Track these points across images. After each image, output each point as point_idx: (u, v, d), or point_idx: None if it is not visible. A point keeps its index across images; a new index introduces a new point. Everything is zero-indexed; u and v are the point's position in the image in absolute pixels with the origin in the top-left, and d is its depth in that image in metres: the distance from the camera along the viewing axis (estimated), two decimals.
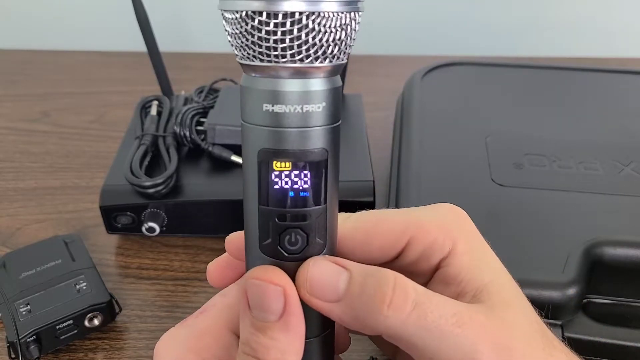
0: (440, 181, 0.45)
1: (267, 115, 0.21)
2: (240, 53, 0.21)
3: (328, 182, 0.22)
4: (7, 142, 0.67)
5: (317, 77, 0.21)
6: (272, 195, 0.22)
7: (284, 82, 0.20)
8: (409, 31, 0.89)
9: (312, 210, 0.22)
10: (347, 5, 0.20)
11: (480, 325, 0.22)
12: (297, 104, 0.20)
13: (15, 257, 0.46)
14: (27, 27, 0.90)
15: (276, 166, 0.21)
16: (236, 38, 0.20)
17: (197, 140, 0.53)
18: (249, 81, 0.21)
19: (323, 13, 0.19)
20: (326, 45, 0.20)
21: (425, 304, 0.22)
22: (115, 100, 0.75)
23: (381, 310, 0.21)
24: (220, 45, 0.87)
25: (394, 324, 0.21)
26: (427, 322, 0.21)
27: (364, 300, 0.22)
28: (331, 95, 0.21)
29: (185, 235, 0.52)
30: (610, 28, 0.88)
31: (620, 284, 0.38)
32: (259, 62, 0.20)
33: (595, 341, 0.36)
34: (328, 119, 0.21)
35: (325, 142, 0.21)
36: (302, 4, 0.19)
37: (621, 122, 0.52)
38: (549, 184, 0.44)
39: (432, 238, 0.25)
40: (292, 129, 0.21)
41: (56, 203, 0.57)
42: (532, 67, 0.61)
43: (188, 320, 0.25)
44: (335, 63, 0.21)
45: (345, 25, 0.20)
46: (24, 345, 0.39)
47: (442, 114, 0.53)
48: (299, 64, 0.20)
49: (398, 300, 0.21)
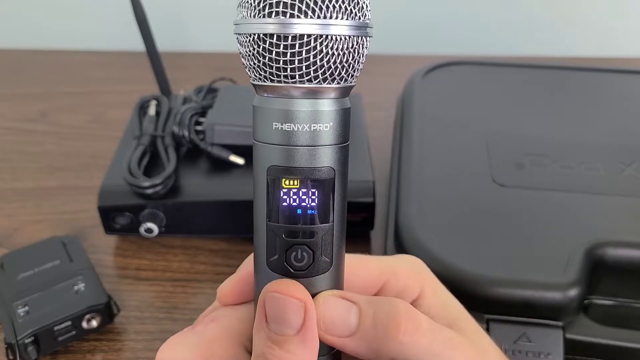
0: (440, 181, 0.45)
1: (276, 133, 0.21)
2: (253, 74, 0.22)
3: (335, 200, 0.23)
4: (5, 142, 0.67)
5: (327, 98, 0.21)
6: (279, 212, 0.22)
7: (294, 102, 0.21)
8: (409, 31, 0.89)
9: (318, 228, 0.23)
10: (357, 29, 0.20)
11: (469, 348, 0.24)
12: (305, 122, 0.21)
13: (13, 258, 0.46)
14: (25, 27, 0.90)
15: (285, 183, 0.22)
16: (249, 59, 0.21)
17: (196, 140, 0.53)
18: (260, 101, 0.22)
19: (333, 36, 0.20)
20: (334, 67, 0.21)
21: (434, 330, 0.24)
22: (113, 100, 0.74)
23: (397, 338, 0.23)
24: (219, 44, 0.86)
25: (408, 350, 0.23)
26: (435, 345, 0.23)
27: (378, 331, 0.23)
28: (339, 115, 0.22)
29: (184, 235, 0.52)
30: (611, 27, 0.88)
31: (622, 285, 0.38)
32: (269, 82, 0.21)
33: (596, 343, 0.36)
34: (336, 139, 0.22)
35: (333, 161, 0.22)
36: (313, 27, 0.20)
37: (623, 122, 0.52)
38: (550, 185, 0.44)
39: (404, 283, 0.27)
40: (300, 147, 0.21)
41: (54, 203, 0.57)
42: (533, 67, 0.61)
43: (197, 327, 0.25)
44: (343, 85, 0.21)
45: (354, 49, 0.21)
46: (22, 346, 0.39)
47: (443, 114, 0.53)
48: (308, 84, 0.21)
49: (411, 328, 0.23)
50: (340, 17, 0.20)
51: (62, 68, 0.83)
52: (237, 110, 0.55)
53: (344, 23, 0.20)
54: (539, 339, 0.35)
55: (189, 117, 0.53)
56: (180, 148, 0.54)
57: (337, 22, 0.20)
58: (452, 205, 0.42)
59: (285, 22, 0.20)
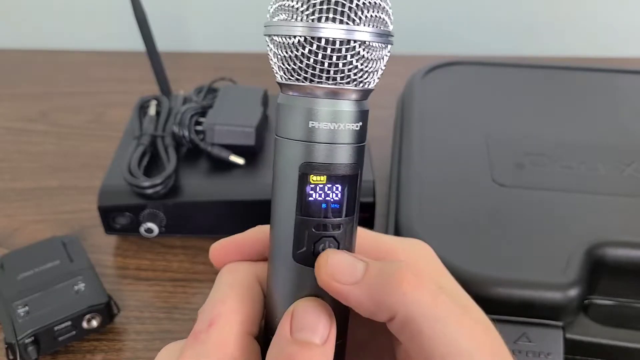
0: (440, 181, 0.45)
1: (314, 132, 0.23)
2: (286, 74, 0.23)
3: (357, 194, 0.24)
4: (5, 142, 0.67)
5: (351, 100, 0.23)
6: (310, 206, 0.23)
7: (322, 101, 0.22)
8: (409, 30, 0.89)
9: (344, 220, 0.24)
10: (383, 37, 0.22)
11: (482, 331, 0.23)
12: (334, 122, 0.23)
13: (13, 258, 0.46)
14: (25, 27, 0.90)
15: (313, 179, 0.23)
16: (286, 61, 0.22)
17: (196, 140, 0.53)
18: (289, 100, 0.23)
19: (366, 42, 0.22)
20: (368, 72, 0.22)
21: (438, 293, 0.23)
22: (113, 100, 0.74)
23: (400, 288, 0.22)
24: (219, 44, 0.87)
25: (410, 304, 0.22)
26: (439, 308, 0.22)
27: (383, 281, 0.23)
28: (365, 116, 0.24)
29: (184, 235, 0.52)
30: (611, 27, 0.88)
31: (622, 285, 0.38)
32: (305, 82, 0.22)
33: (596, 342, 0.36)
34: (362, 138, 0.24)
35: (358, 158, 0.24)
36: (341, 32, 0.21)
37: (623, 122, 0.52)
38: (550, 185, 0.44)
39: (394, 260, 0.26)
40: (334, 145, 0.23)
41: (54, 203, 0.57)
42: (533, 67, 0.61)
43: (199, 336, 0.25)
44: (368, 87, 0.23)
45: (381, 55, 0.23)
46: (22, 346, 0.39)
47: (443, 114, 0.53)
48: (335, 85, 0.22)
49: (416, 282, 0.23)
50: (374, 25, 0.22)
51: (62, 68, 0.83)
52: (237, 110, 0.55)
53: (375, 31, 0.22)
54: (539, 339, 0.35)
55: (189, 117, 0.53)
56: (180, 148, 0.54)
57: (369, 29, 0.22)
58: (452, 205, 0.42)
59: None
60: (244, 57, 0.82)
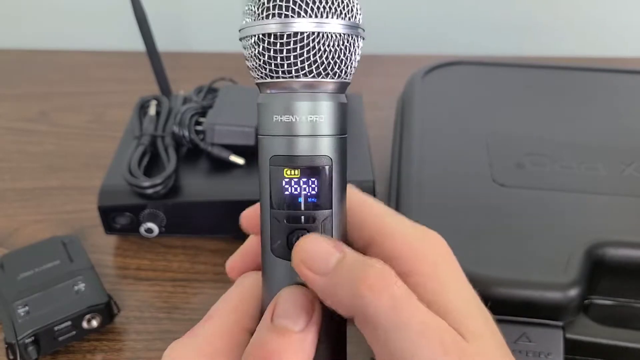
0: (440, 181, 0.45)
1: (277, 125, 0.23)
2: (256, 74, 0.24)
3: (333, 187, 0.24)
4: (5, 142, 0.67)
5: (323, 92, 0.24)
6: (281, 199, 0.24)
7: (293, 95, 0.23)
8: (409, 30, 0.89)
9: (318, 214, 0.24)
10: (346, 28, 0.23)
11: (442, 349, 0.21)
12: (303, 114, 0.23)
13: (13, 257, 0.46)
14: (25, 27, 0.90)
15: (286, 173, 0.24)
16: (252, 60, 0.24)
17: (196, 140, 0.53)
18: (263, 98, 0.24)
19: (324, 34, 0.23)
20: (326, 62, 0.23)
21: (403, 300, 0.22)
22: (113, 100, 0.74)
23: (359, 290, 0.22)
24: (219, 44, 0.87)
25: (367, 307, 0.22)
26: (398, 317, 0.21)
27: (348, 278, 0.22)
28: (334, 108, 0.24)
29: (184, 235, 0.52)
30: (611, 27, 0.88)
31: (622, 285, 0.38)
32: (270, 79, 0.23)
33: (596, 342, 0.36)
34: (332, 130, 0.24)
35: (330, 150, 0.24)
36: (306, 25, 0.22)
37: (623, 122, 0.52)
38: (550, 185, 0.44)
39: (392, 248, 0.25)
40: (299, 137, 0.23)
41: (54, 203, 0.57)
42: (533, 67, 0.61)
43: (195, 330, 0.26)
44: (337, 80, 0.24)
45: (344, 46, 0.23)
46: (22, 346, 0.39)
47: (443, 114, 0.53)
48: (304, 78, 0.23)
49: (378, 285, 0.22)
50: (330, 16, 0.23)
51: (62, 68, 0.83)
52: (237, 110, 0.55)
53: (334, 22, 0.23)
54: (539, 339, 0.35)
55: (189, 117, 0.53)
56: (180, 148, 0.54)
57: (327, 20, 0.22)
58: (452, 205, 0.42)
59: (281, 22, 0.22)
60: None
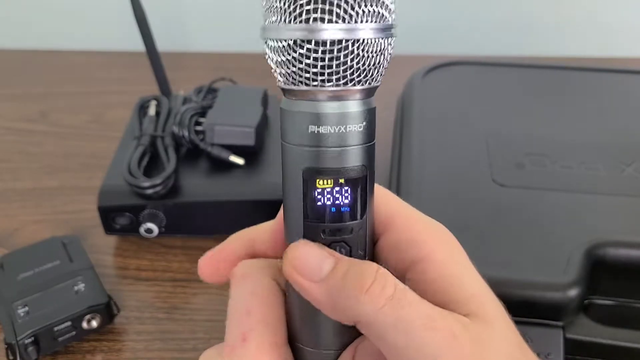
0: (440, 181, 0.45)
1: (311, 136, 0.22)
2: (283, 79, 0.22)
3: (367, 196, 0.23)
4: (5, 142, 0.67)
5: (355, 99, 0.22)
6: (317, 211, 0.23)
7: (325, 105, 0.22)
8: (409, 31, 0.89)
9: (354, 224, 0.23)
10: (384, 31, 0.21)
11: (451, 336, 0.21)
12: (336, 124, 0.22)
13: (13, 258, 0.46)
14: (25, 27, 0.90)
15: (319, 183, 0.22)
16: (281, 66, 0.21)
17: (196, 140, 0.53)
18: (290, 104, 0.22)
19: (366, 39, 0.20)
20: (362, 69, 0.21)
21: (402, 299, 0.22)
22: (113, 100, 0.74)
23: (358, 296, 0.22)
24: (219, 44, 0.87)
25: (368, 312, 0.22)
26: (399, 317, 0.21)
27: (344, 285, 0.22)
28: (368, 115, 0.23)
29: (184, 236, 0.52)
30: (611, 27, 0.88)
31: (622, 285, 0.38)
32: (304, 87, 0.21)
33: (596, 342, 0.36)
34: (366, 138, 0.23)
35: (364, 159, 0.23)
36: (341, 32, 0.20)
37: (623, 122, 0.52)
38: (550, 185, 0.44)
39: (416, 231, 0.25)
40: (334, 148, 0.22)
41: (54, 204, 0.57)
42: (532, 67, 0.61)
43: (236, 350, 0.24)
44: (371, 86, 0.22)
45: (383, 50, 0.21)
46: (22, 346, 0.39)
47: (443, 114, 0.53)
48: (337, 87, 0.21)
49: (376, 289, 0.22)
50: (371, 20, 0.20)
51: (62, 68, 0.83)
52: (237, 110, 0.55)
53: (374, 26, 0.21)
54: (539, 339, 0.35)
55: (189, 117, 0.53)
56: (180, 148, 0.54)
57: (366, 25, 0.20)
58: (452, 205, 0.42)
59: (320, 28, 0.20)
60: (244, 57, 0.82)
